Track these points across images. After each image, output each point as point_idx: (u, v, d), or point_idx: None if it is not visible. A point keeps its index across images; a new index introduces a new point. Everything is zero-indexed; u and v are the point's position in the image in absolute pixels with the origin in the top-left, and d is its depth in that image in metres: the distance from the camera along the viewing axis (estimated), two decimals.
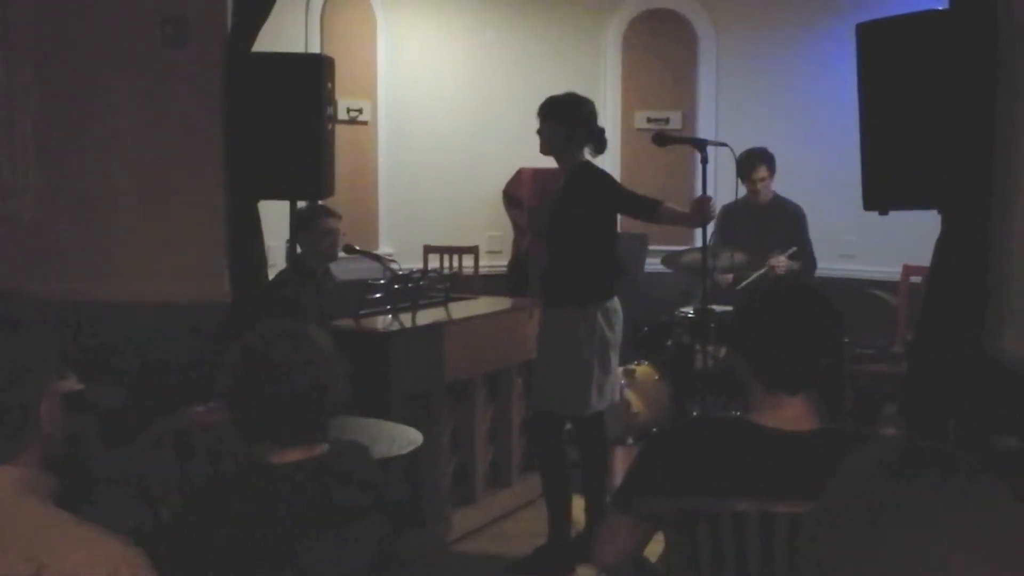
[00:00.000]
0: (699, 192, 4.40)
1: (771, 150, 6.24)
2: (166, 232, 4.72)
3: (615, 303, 4.55)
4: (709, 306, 5.04)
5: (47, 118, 4.77)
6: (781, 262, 5.90)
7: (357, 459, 2.24)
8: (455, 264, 7.11)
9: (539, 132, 4.58)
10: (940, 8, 3.82)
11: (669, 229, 5.65)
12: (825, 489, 1.09)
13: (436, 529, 4.81)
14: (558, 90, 4.60)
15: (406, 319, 4.89)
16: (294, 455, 2.09)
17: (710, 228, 5.03)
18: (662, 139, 4.52)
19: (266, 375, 2.07)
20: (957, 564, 0.95)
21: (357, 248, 5.30)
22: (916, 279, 5.84)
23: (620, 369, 5.39)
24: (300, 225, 5.02)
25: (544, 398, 4.56)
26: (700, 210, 4.31)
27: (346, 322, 4.77)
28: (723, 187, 5.88)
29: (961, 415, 3.66)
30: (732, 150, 4.68)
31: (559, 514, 4.58)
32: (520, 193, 7.10)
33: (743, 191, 5.97)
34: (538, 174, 6.72)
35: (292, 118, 4.46)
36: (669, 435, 2.31)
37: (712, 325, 5.47)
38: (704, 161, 4.35)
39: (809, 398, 2.13)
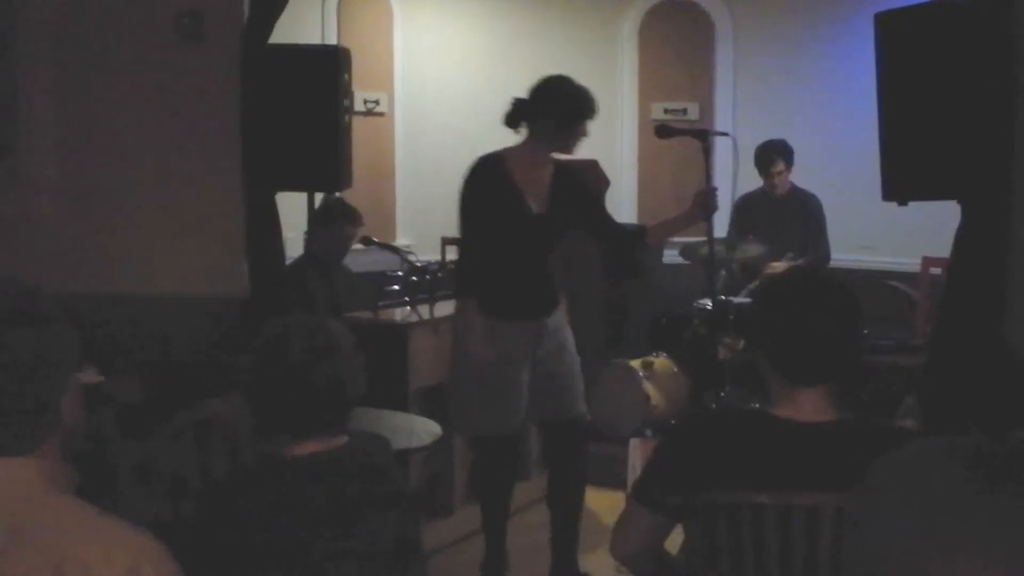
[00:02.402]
0: (718, 183, 4.35)
1: (789, 141, 6.22)
2: (184, 225, 4.73)
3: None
4: (725, 297, 5.01)
5: (65, 114, 4.78)
6: (780, 268, 5.89)
7: (376, 451, 2.24)
8: None
9: (581, 135, 4.09)
10: None
11: None
12: (865, 478, 1.07)
13: (454, 521, 4.82)
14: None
15: (424, 311, 4.89)
16: (313, 447, 2.10)
17: (724, 219, 5.00)
18: (664, 131, 4.43)
19: (283, 368, 2.08)
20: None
21: (375, 240, 5.30)
22: (936, 271, 5.81)
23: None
24: (321, 217, 5.03)
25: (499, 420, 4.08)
26: (703, 203, 4.11)
27: (364, 314, 4.78)
28: (742, 178, 5.84)
29: (980, 408, 3.65)
30: (734, 140, 4.63)
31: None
32: None
33: (747, 182, 5.93)
34: None
35: (309, 110, 4.46)
36: (688, 428, 2.30)
37: (730, 317, 5.45)
38: (706, 152, 4.27)
39: (828, 389, 2.12)
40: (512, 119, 4.12)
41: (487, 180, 4.07)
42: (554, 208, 4.08)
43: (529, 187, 4.06)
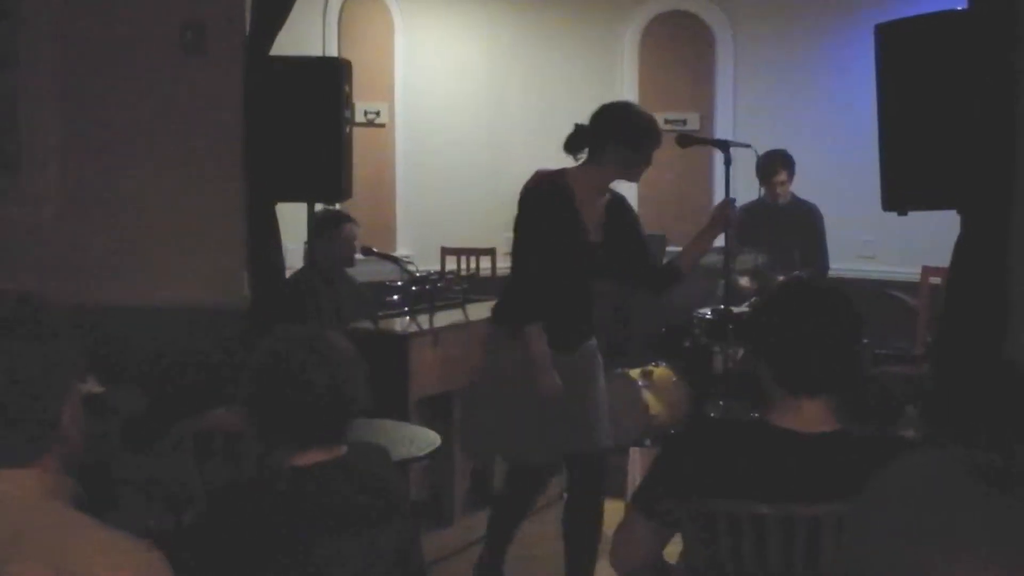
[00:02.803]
0: (718, 193, 4.35)
1: (789, 151, 6.23)
2: (185, 236, 4.74)
3: None
4: (727, 307, 5.01)
5: (69, 125, 4.80)
6: None
7: (376, 461, 2.24)
8: (472, 266, 7.11)
9: (648, 164, 3.96)
10: (959, 8, 3.81)
11: (689, 229, 5.01)
12: (867, 488, 1.08)
13: (455, 531, 4.82)
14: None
15: (424, 321, 4.89)
16: (314, 457, 2.10)
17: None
18: (685, 140, 4.45)
19: (286, 379, 2.09)
20: None
21: (375, 250, 5.31)
22: (936, 280, 5.81)
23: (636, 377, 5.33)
24: (319, 230, 5.04)
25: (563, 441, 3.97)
26: (722, 214, 4.08)
27: (364, 324, 4.78)
28: (743, 188, 5.86)
29: (982, 419, 3.64)
30: (755, 151, 4.65)
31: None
32: None
33: (752, 193, 5.96)
34: None
35: (310, 121, 4.47)
36: (688, 437, 2.31)
37: (730, 326, 5.45)
38: (728, 162, 4.28)
39: (829, 400, 2.12)
40: (574, 145, 3.94)
41: (553, 200, 3.84)
42: (606, 239, 3.96)
43: (587, 214, 3.90)
